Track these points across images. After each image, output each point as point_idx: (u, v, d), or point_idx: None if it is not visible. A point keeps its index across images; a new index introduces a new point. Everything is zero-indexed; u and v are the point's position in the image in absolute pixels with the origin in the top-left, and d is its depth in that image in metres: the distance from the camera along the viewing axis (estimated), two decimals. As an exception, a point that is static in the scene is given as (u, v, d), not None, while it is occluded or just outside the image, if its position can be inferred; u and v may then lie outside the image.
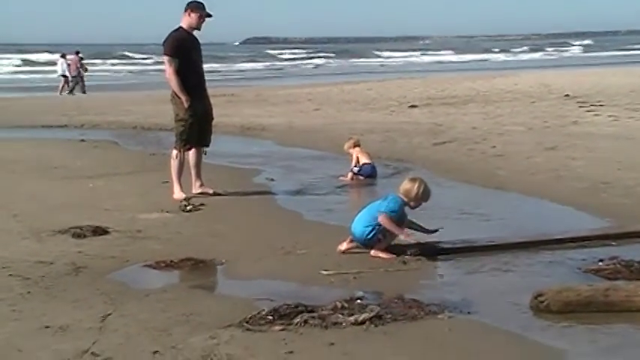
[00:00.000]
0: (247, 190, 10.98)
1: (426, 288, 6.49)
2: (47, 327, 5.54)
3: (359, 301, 6.00)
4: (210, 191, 10.59)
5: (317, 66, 76.76)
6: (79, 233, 8.34)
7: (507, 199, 10.32)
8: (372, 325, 5.48)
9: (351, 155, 12.16)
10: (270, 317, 5.61)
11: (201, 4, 10.38)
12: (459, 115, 20.06)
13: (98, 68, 61.54)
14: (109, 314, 5.79)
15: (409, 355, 5.06)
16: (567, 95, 23.91)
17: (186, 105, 10.21)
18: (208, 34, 10.79)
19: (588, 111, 19.60)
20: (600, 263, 7.00)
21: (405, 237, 7.34)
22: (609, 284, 6.02)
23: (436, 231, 7.65)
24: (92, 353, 5.03)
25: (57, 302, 6.14)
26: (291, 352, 5.05)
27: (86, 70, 39.97)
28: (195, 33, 10.50)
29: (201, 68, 10.67)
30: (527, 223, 8.74)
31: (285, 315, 5.65)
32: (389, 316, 5.63)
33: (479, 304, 5.97)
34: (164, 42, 10.39)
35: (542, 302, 5.83)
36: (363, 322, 5.53)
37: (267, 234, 8.43)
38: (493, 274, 6.83)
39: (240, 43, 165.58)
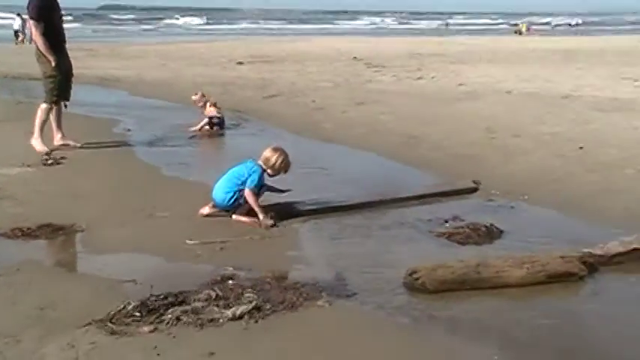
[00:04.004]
0: (107, 141, 8.57)
1: (295, 261, 4.62)
2: None
3: (231, 281, 4.09)
4: (71, 143, 8.19)
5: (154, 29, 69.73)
6: None
7: (338, 152, 8.47)
8: (252, 321, 3.59)
9: (202, 107, 9.99)
10: (138, 314, 3.59)
11: None
12: (278, 72, 17.94)
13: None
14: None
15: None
16: (355, 58, 22.31)
17: (53, 64, 7.94)
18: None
19: (376, 71, 18.04)
20: (447, 225, 5.41)
21: (261, 218, 5.30)
22: (479, 260, 4.36)
23: (289, 190, 5.77)
24: None
25: None
26: (162, 370, 3.08)
27: None
28: None
29: (62, 28, 8.25)
30: (365, 178, 6.96)
31: (154, 309, 3.64)
32: (268, 306, 3.74)
33: (353, 282, 4.20)
34: (28, 5, 7.96)
35: (417, 280, 4.14)
36: (241, 317, 3.62)
37: (128, 192, 6.25)
38: (355, 240, 5.04)
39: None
